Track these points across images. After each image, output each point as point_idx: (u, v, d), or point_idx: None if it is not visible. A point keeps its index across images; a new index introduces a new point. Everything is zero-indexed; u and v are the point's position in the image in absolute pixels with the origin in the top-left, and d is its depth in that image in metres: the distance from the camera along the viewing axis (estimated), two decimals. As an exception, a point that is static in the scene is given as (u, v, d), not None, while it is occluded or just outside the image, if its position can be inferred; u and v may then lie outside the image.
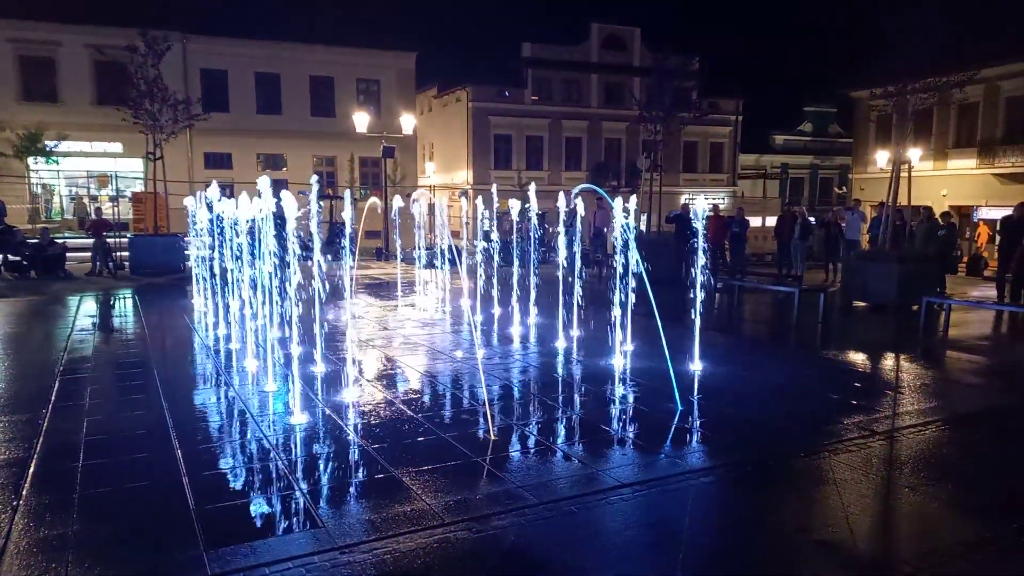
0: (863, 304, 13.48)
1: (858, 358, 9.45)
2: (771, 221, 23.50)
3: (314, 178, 7.02)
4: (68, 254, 17.65)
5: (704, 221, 7.71)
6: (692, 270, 7.48)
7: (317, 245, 6.47)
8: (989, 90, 27.92)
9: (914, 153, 21.79)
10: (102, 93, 27.71)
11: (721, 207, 26.62)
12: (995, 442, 6.20)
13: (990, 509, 4.71)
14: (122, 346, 9.46)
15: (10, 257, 16.61)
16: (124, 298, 14.11)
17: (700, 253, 7.52)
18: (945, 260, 15.50)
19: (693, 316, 7.87)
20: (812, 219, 21.35)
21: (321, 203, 11.64)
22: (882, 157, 28.17)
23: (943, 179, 30.00)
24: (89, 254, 18.58)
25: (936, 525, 4.54)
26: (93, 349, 9.10)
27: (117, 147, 28.67)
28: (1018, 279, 13.46)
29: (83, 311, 12.23)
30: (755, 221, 26.72)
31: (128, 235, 19.71)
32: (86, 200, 28.57)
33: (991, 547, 4.20)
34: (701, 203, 7.79)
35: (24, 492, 4.60)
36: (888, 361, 9.29)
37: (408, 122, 28.41)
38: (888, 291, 12.83)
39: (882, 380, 8.31)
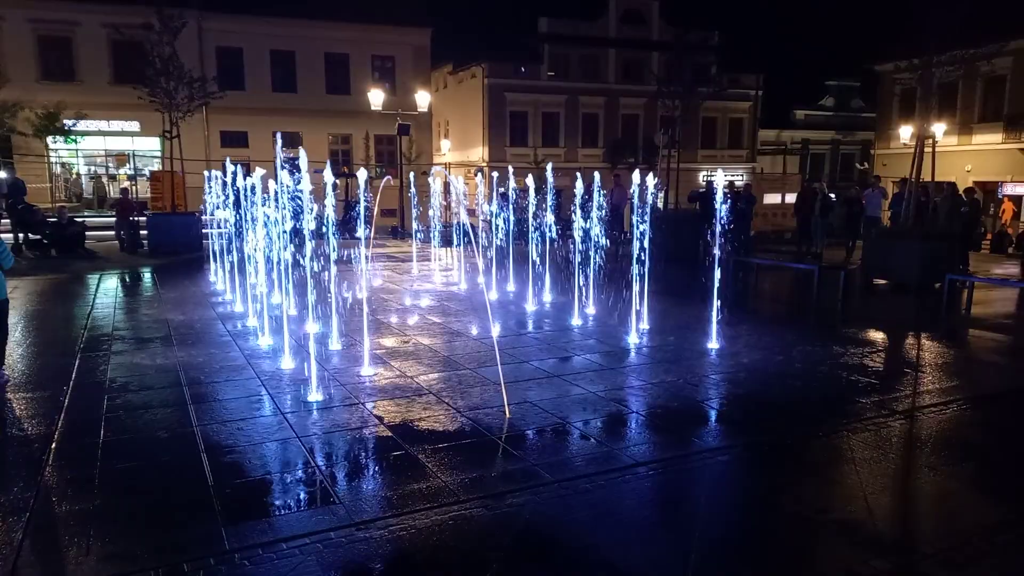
0: (884, 282, 13.28)
1: (878, 337, 9.33)
2: (791, 198, 23.14)
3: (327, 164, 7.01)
4: (87, 233, 17.79)
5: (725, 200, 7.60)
6: (711, 249, 7.39)
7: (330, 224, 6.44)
8: (1018, 62, 27.17)
9: (938, 128, 21.34)
10: (119, 72, 27.79)
11: (739, 183, 26.30)
12: (1018, 422, 6.11)
13: (1013, 491, 4.65)
14: (145, 324, 9.57)
15: (30, 236, 16.78)
16: (144, 276, 14.24)
17: (718, 232, 7.44)
18: (969, 237, 15.23)
19: (711, 294, 7.80)
20: (833, 196, 21.00)
21: (337, 181, 11.61)
22: (905, 132, 27.62)
23: (967, 154, 29.40)
24: (108, 232, 18.78)
25: (957, 506, 4.48)
26: (113, 327, 9.20)
27: (135, 126, 28.81)
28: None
29: (103, 289, 12.36)
30: (775, 198, 26.38)
31: (147, 214, 19.83)
32: (95, 178, 28.80)
33: (1013, 529, 4.14)
34: (720, 181, 7.68)
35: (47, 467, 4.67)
36: (909, 340, 9.17)
37: (423, 99, 28.25)
38: (910, 269, 12.62)
39: (902, 359, 8.20)
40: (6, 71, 25.91)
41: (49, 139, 27.53)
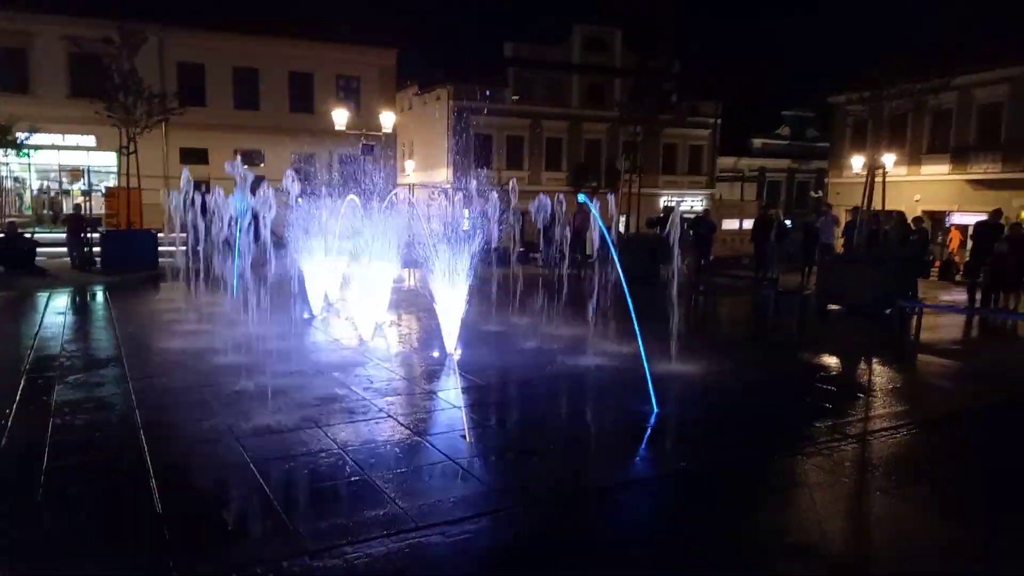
0: (837, 307, 13.62)
1: (831, 361, 9.54)
2: (748, 224, 23.67)
3: (289, 173, 6.92)
4: (38, 249, 17.29)
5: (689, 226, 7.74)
6: (665, 271, 7.52)
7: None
8: (963, 97, 28.34)
9: (888, 158, 22.09)
10: (76, 85, 27.21)
11: (698, 209, 26.80)
12: (966, 445, 6.29)
13: (962, 512, 4.77)
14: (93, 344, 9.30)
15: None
16: (96, 295, 13.87)
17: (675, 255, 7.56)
18: (918, 264, 15.72)
19: (668, 317, 7.89)
20: (788, 222, 21.52)
21: (299, 199, 11.50)
22: (857, 162, 28.50)
23: (916, 184, 30.44)
24: (62, 249, 18.29)
25: (908, 528, 4.58)
26: (61, 348, 8.92)
27: (91, 140, 28.18)
28: (990, 284, 13.68)
29: (52, 308, 12.00)
30: (733, 224, 26.95)
31: (100, 230, 19.37)
32: (55, 194, 28.06)
33: (964, 550, 4.24)
34: (681, 207, 7.82)
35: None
36: (860, 364, 9.39)
37: (388, 120, 28.23)
38: (862, 295, 12.97)
39: (854, 383, 8.38)
40: (-44, 81, 25.21)
41: (0, 152, 26.75)
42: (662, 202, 37.26)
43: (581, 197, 6.81)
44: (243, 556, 3.76)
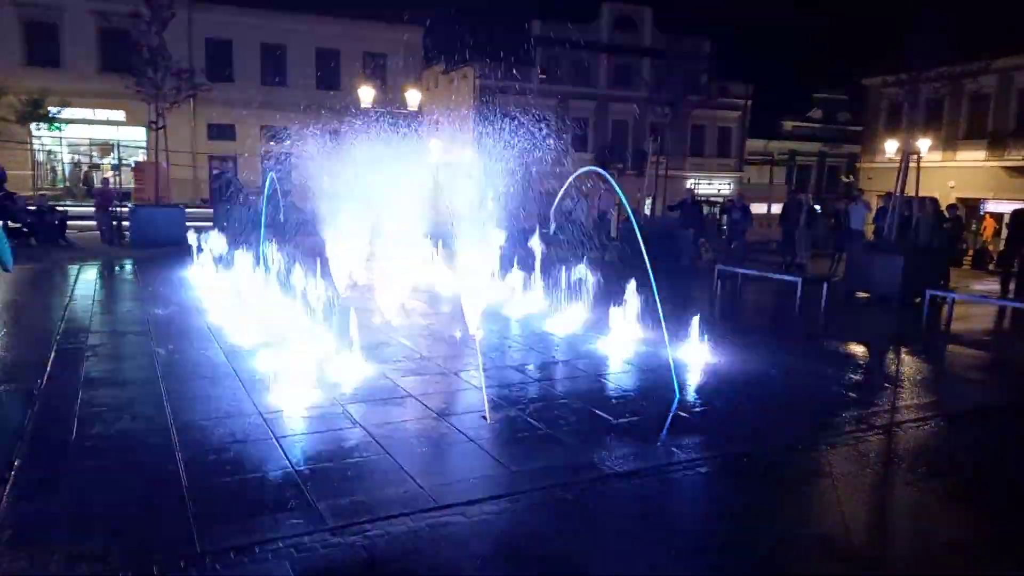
0: (866, 295, 13.39)
1: (858, 350, 9.39)
2: (777, 208, 23.32)
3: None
4: (69, 222, 17.55)
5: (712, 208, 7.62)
6: (693, 257, 7.41)
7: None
8: (1003, 81, 27.54)
9: (923, 143, 21.57)
10: (106, 60, 27.47)
11: (726, 192, 26.43)
12: (994, 439, 6.17)
13: (988, 506, 4.68)
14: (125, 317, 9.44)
15: (10, 224, 16.50)
16: (124, 267, 14.07)
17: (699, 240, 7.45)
18: (950, 253, 15.37)
19: (694, 304, 7.81)
20: (818, 207, 21.14)
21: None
22: (891, 146, 27.87)
23: (951, 171, 29.72)
24: (91, 223, 18.54)
25: (933, 521, 4.51)
26: (91, 320, 9.07)
27: (120, 115, 28.47)
28: (1024, 273, 13.35)
29: (82, 280, 12.20)
30: (761, 208, 26.56)
31: (129, 205, 19.58)
32: (88, 168, 28.43)
33: (988, 545, 4.17)
34: (707, 190, 7.69)
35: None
36: (889, 354, 9.24)
37: (414, 98, 28.14)
38: (891, 283, 12.73)
39: (882, 373, 8.25)
40: (-10, 56, 25.57)
41: (32, 126, 27.15)
42: (688, 184, 36.81)
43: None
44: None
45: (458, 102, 38.79)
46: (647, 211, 23.35)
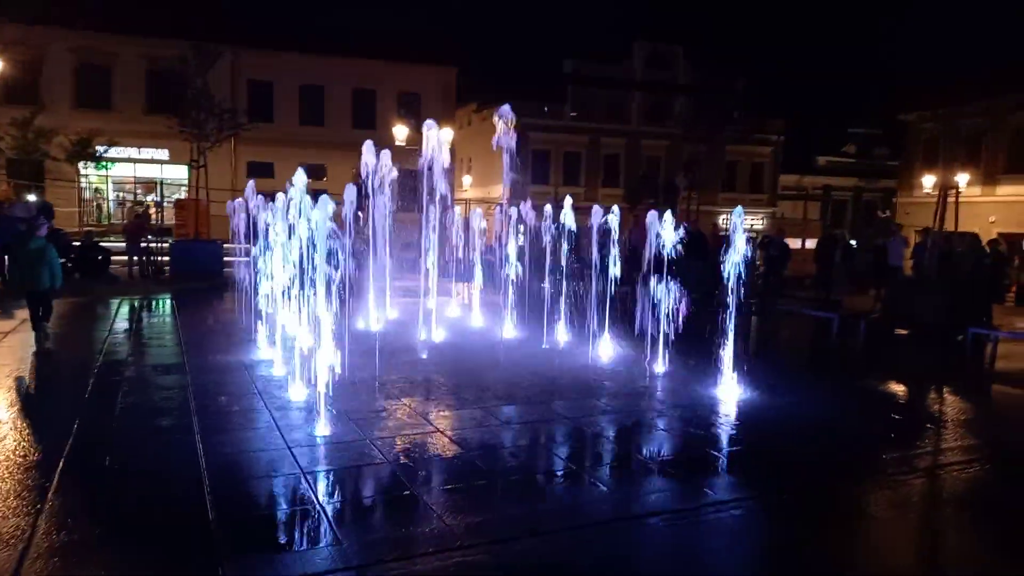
0: (906, 332, 13.06)
1: (899, 389, 9.13)
2: (811, 243, 23.02)
3: (349, 187, 6.97)
4: (112, 257, 18.05)
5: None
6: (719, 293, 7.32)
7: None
8: (1045, 115, 27.05)
9: (962, 178, 21.21)
10: (152, 102, 28.53)
11: (758, 227, 26.20)
12: (1045, 484, 5.90)
13: (1038, 556, 4.46)
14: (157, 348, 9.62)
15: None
16: (162, 302, 14.39)
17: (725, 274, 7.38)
18: (993, 289, 14.97)
19: (728, 341, 7.69)
20: (854, 243, 20.82)
21: (359, 212, 11.72)
22: (929, 181, 27.47)
23: (992, 205, 29.09)
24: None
25: (980, 568, 4.31)
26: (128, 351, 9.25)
27: (164, 154, 29.44)
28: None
29: (121, 314, 12.49)
30: (795, 243, 26.22)
31: (169, 240, 20.11)
32: (133, 205, 29.32)
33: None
34: (734, 222, 7.63)
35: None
36: (931, 393, 8.96)
37: (447, 135, 28.58)
38: (932, 319, 12.40)
39: (924, 413, 7.99)
40: (44, 98, 26.69)
41: (80, 165, 28.19)
42: (720, 220, 36.59)
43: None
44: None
45: (490, 139, 39.32)
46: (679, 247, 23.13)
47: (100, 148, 27.65)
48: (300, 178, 7.00)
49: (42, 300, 9.33)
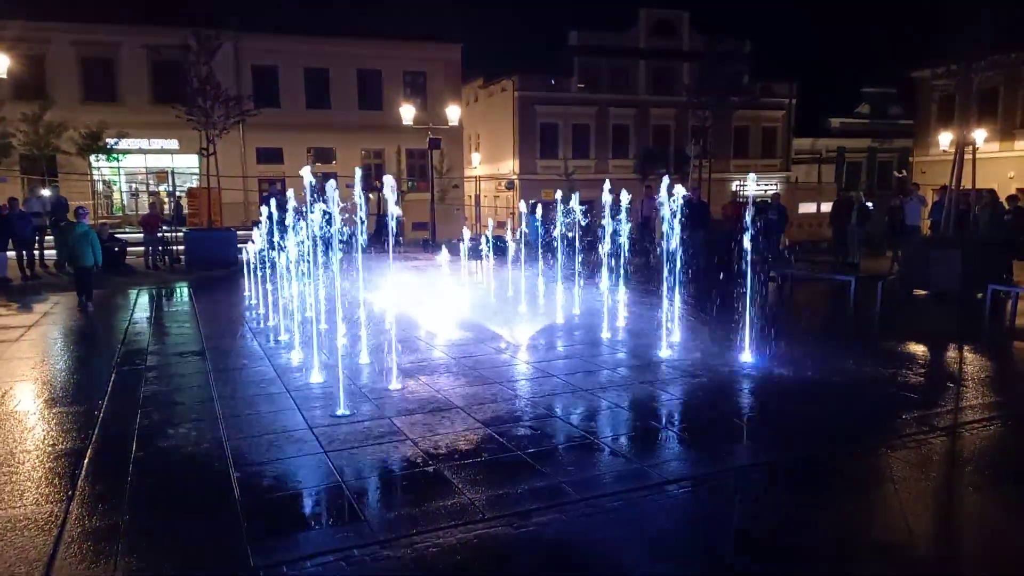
0: (924, 293, 12.94)
1: (918, 349, 9.06)
2: (827, 207, 22.75)
3: (358, 171, 6.96)
4: (128, 248, 18.22)
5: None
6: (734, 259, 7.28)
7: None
8: (1062, 66, 26.43)
9: (979, 134, 20.79)
10: (159, 92, 28.52)
11: (771, 192, 25.90)
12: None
13: (1062, 511, 4.45)
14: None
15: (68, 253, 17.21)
16: (180, 291, 14.53)
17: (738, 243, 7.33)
18: (1013, 245, 14.75)
19: (743, 306, 7.66)
20: (870, 204, 20.54)
21: (369, 195, 11.72)
22: (945, 139, 26.98)
23: (1010, 161, 28.59)
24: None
25: (1001, 528, 4.30)
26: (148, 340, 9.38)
27: (174, 144, 29.49)
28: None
29: (140, 304, 12.64)
30: (810, 207, 25.95)
31: (183, 230, 20.23)
32: (148, 196, 29.50)
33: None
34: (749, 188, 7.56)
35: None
36: (951, 353, 8.89)
37: (454, 113, 28.47)
38: (951, 279, 12.27)
39: (944, 373, 7.94)
40: (51, 93, 26.78)
41: (92, 158, 28.33)
42: (734, 186, 36.22)
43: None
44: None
45: (498, 115, 39.08)
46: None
47: (110, 140, 27.75)
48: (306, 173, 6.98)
49: (87, 275, 11.58)
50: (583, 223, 11.14)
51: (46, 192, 21.78)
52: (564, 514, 4.18)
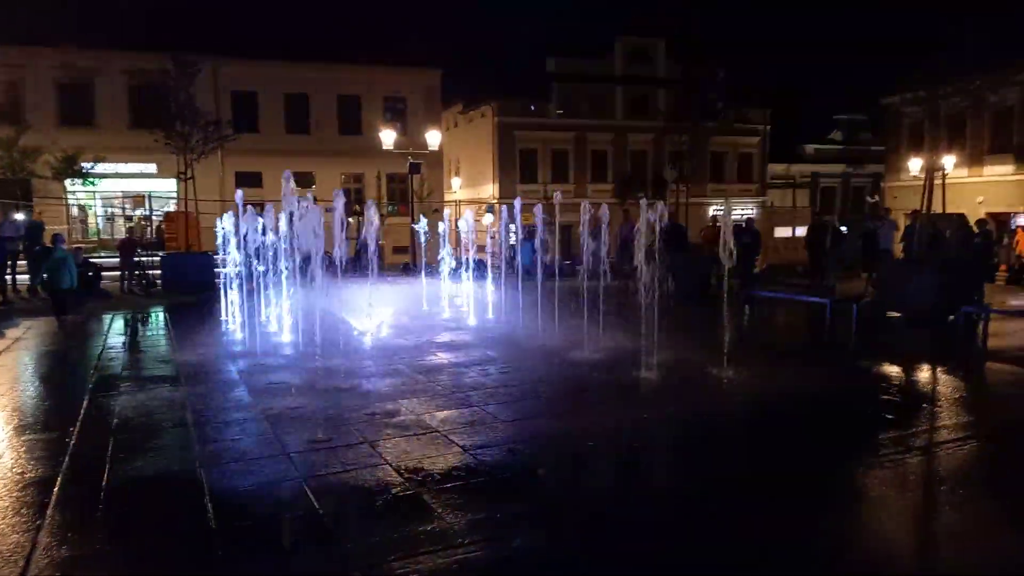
0: (898, 315, 13.13)
1: (893, 370, 9.18)
2: (801, 231, 23.10)
3: (337, 193, 6.98)
4: (104, 273, 17.97)
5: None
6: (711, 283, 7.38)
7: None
8: (1026, 93, 27.25)
9: (948, 160, 21.32)
10: (137, 116, 28.42)
11: (747, 216, 26.27)
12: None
13: (1035, 528, 4.50)
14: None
15: (45, 277, 16.94)
16: (156, 315, 14.34)
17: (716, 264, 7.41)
18: (983, 268, 15.07)
19: (719, 328, 7.73)
20: (844, 228, 20.89)
21: (349, 220, 11.73)
22: (915, 164, 27.61)
23: (979, 186, 29.30)
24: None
25: (978, 545, 4.34)
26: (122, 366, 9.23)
27: (151, 168, 29.33)
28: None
29: (114, 329, 12.45)
30: (786, 231, 26.33)
31: (160, 254, 20.03)
32: (120, 220, 29.23)
33: (1037, 569, 4.00)
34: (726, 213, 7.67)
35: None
36: (924, 373, 9.02)
37: (434, 138, 28.60)
38: (924, 301, 12.47)
39: (918, 393, 8.04)
40: (27, 117, 26.56)
41: (67, 182, 28.06)
42: (711, 211, 36.69)
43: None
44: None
45: (477, 140, 39.36)
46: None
47: (86, 164, 27.52)
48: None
49: (65, 298, 12.32)
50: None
51: (20, 216, 21.49)
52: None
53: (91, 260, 18.65)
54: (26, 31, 25.56)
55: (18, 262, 17.41)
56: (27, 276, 16.67)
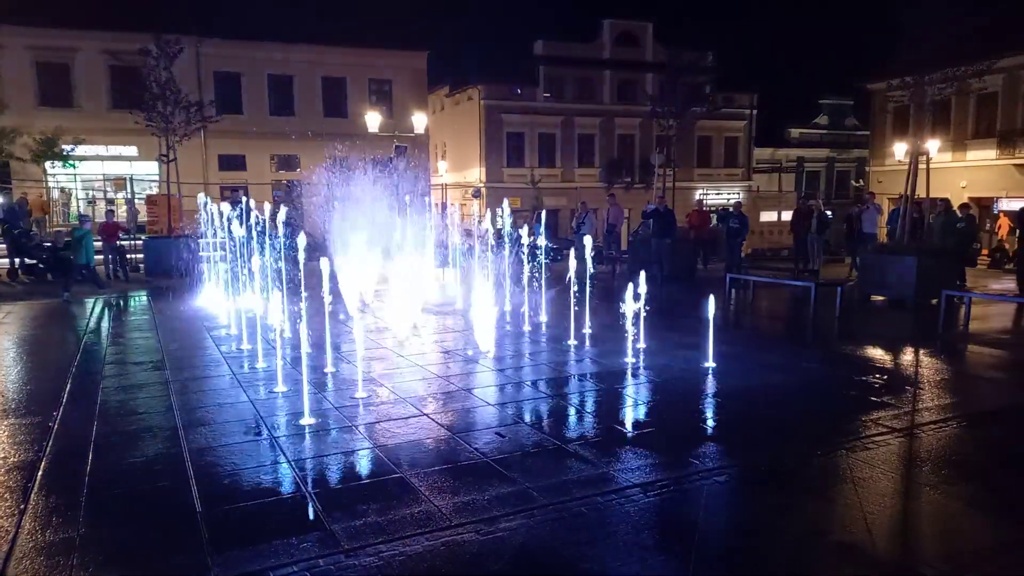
0: (881, 299, 13.27)
1: (876, 354, 9.28)
2: (787, 215, 23.22)
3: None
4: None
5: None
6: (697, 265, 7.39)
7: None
8: (1009, 80, 27.41)
9: (932, 145, 21.39)
10: (117, 97, 27.95)
11: (733, 200, 26.34)
12: (1019, 439, 6.05)
13: (1015, 510, 4.58)
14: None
15: (27, 260, 16.73)
16: (139, 299, 14.20)
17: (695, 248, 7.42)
18: (965, 253, 15.21)
19: (705, 312, 7.77)
20: (829, 213, 21.00)
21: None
22: (900, 149, 27.71)
23: (962, 171, 29.52)
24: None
25: (958, 526, 4.41)
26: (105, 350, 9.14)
27: (132, 150, 28.90)
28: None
29: (96, 313, 12.32)
30: (771, 216, 26.46)
31: (142, 237, 19.80)
32: (102, 203, 28.80)
33: (1014, 550, 4.07)
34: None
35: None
36: (907, 356, 9.12)
37: (420, 121, 28.37)
38: (906, 285, 12.61)
39: (901, 376, 8.14)
40: (4, 98, 26.03)
41: (47, 164, 27.59)
42: (697, 195, 36.75)
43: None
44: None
45: (464, 123, 39.11)
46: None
47: (66, 147, 27.05)
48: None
49: (76, 271, 14.05)
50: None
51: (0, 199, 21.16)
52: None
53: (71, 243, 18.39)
54: (2, 9, 24.98)
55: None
56: (6, 259, 16.44)
